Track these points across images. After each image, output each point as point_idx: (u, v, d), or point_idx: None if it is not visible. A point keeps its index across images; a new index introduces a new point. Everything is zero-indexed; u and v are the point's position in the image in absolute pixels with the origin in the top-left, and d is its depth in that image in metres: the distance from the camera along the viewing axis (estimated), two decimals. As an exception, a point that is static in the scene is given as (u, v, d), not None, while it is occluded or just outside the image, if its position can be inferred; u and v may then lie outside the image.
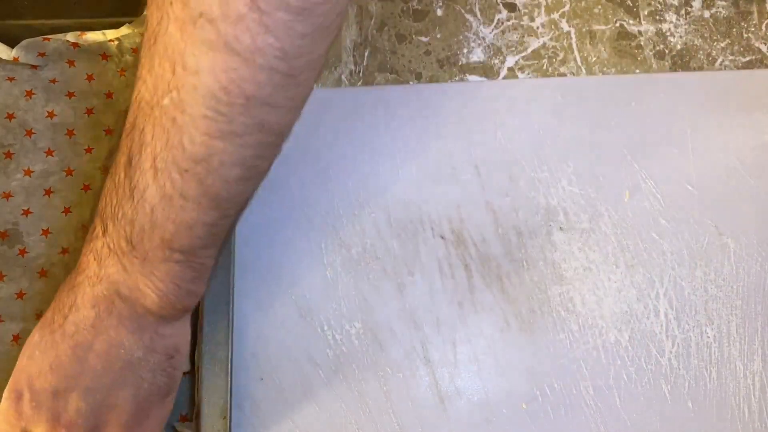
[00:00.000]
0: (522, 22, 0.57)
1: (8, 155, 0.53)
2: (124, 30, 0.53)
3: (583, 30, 0.59)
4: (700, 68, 0.58)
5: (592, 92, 0.57)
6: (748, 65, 0.58)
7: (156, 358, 0.40)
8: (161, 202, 0.35)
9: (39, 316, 0.50)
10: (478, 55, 0.58)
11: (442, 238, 0.54)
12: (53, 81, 0.54)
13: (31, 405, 0.39)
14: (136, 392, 0.40)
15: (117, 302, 0.38)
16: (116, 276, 0.38)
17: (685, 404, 0.50)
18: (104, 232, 0.38)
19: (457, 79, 0.58)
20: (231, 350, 0.47)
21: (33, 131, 0.54)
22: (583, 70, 0.58)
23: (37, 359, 0.39)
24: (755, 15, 0.60)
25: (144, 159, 0.35)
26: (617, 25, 0.59)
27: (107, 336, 0.39)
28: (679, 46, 0.59)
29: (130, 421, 0.40)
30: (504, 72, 0.58)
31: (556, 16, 0.59)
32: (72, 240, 0.52)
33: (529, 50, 0.58)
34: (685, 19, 0.59)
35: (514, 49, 0.58)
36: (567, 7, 0.59)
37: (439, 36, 0.59)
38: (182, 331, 0.42)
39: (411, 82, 0.58)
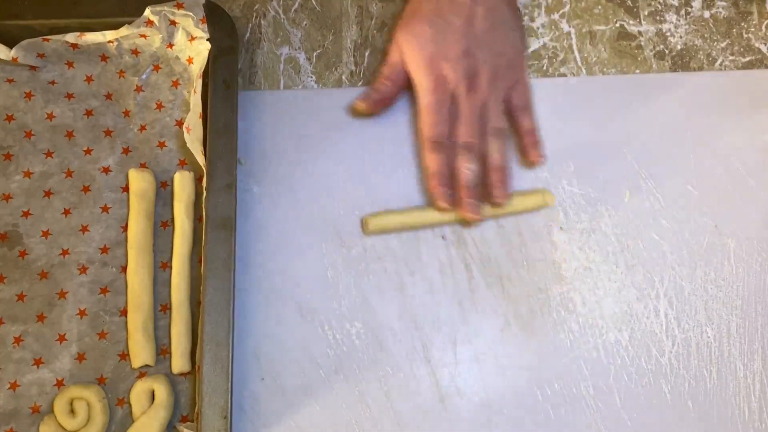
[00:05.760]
0: (522, 23, 0.57)
1: (8, 157, 0.53)
2: (123, 31, 0.52)
3: (583, 30, 0.59)
4: (700, 68, 0.58)
5: (592, 92, 0.57)
6: (748, 65, 0.58)
7: (517, 17, 0.55)
8: None
9: (40, 317, 0.50)
10: (478, 55, 0.58)
11: (443, 238, 0.54)
12: (52, 83, 0.54)
13: (451, 70, 0.52)
14: (512, 41, 0.54)
15: None
16: None
17: (685, 404, 0.51)
18: None
19: (457, 79, 0.58)
20: (232, 350, 0.47)
21: (32, 133, 0.53)
22: (583, 70, 0.58)
23: (438, 40, 0.52)
24: (755, 15, 0.60)
25: None
26: (617, 25, 0.59)
27: (486, 5, 0.52)
28: (679, 47, 0.59)
29: (512, 61, 0.53)
30: (504, 72, 0.58)
31: (556, 16, 0.59)
32: (72, 241, 0.52)
33: (530, 50, 0.58)
34: (685, 19, 0.59)
35: (514, 48, 0.58)
36: (567, 8, 0.59)
37: (439, 36, 0.59)
38: None
39: (411, 82, 0.57)
